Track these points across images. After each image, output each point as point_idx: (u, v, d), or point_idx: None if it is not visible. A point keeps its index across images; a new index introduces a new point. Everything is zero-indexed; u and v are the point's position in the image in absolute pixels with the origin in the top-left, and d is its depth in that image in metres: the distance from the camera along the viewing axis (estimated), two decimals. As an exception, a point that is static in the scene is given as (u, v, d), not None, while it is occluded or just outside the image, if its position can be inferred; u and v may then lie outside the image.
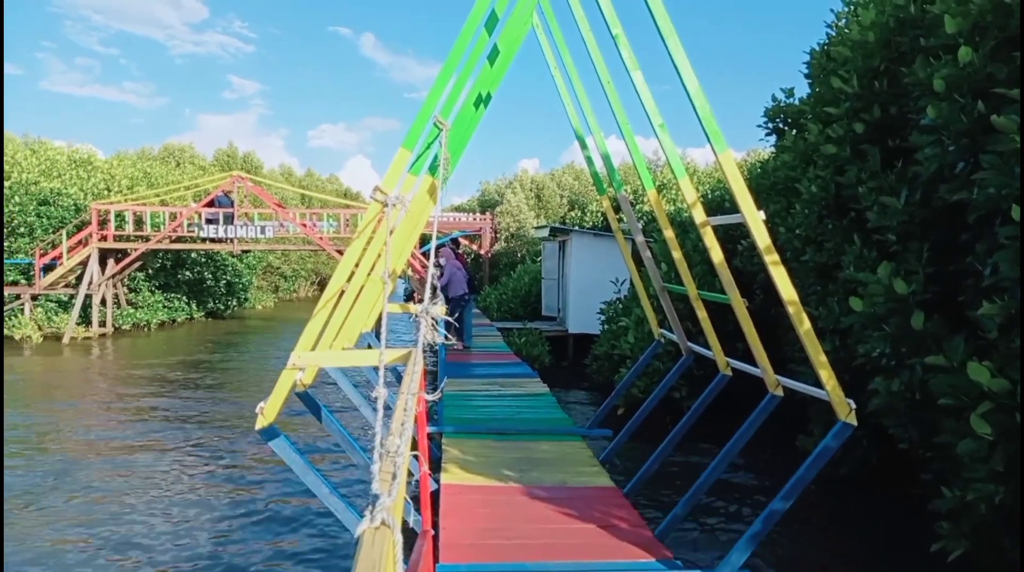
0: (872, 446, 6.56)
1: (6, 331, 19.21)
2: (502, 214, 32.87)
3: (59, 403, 12.23)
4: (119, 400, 12.36)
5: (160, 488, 7.57)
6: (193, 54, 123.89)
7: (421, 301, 3.38)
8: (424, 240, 20.04)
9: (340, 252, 22.19)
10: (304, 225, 22.39)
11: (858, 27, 6.87)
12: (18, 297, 20.63)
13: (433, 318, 2.39)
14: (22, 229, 22.28)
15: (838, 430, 3.91)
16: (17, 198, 22.36)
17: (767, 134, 10.26)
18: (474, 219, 33.08)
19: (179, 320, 25.50)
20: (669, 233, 5.50)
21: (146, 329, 23.47)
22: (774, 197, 8.56)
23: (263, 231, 21.97)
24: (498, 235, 32.77)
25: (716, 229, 4.73)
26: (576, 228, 19.98)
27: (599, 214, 26.58)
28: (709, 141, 3.82)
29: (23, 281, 21.41)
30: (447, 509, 4.66)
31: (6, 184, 22.98)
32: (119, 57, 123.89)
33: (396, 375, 6.21)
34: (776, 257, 3.88)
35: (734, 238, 9.14)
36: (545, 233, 18.41)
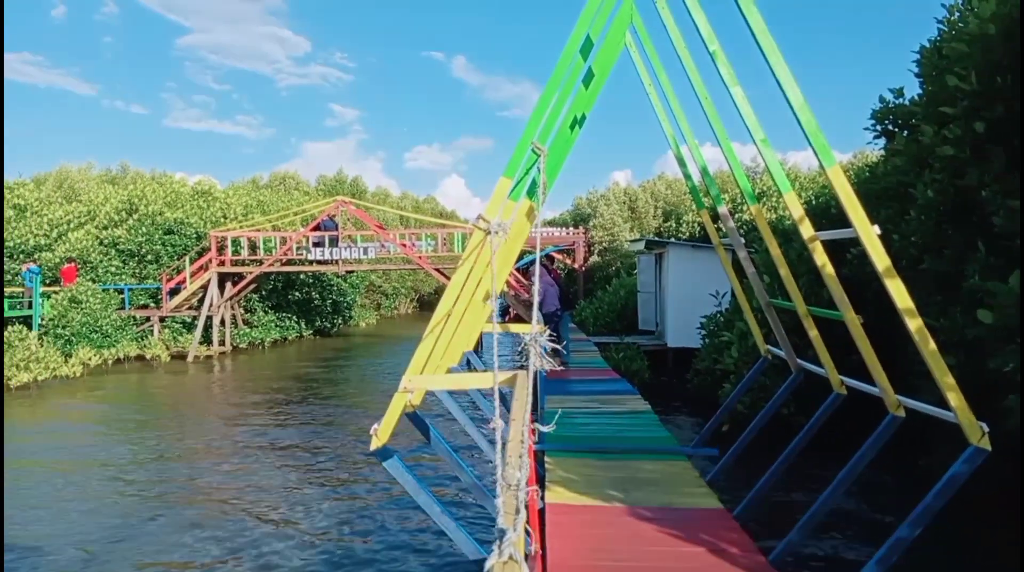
0: (1007, 466, 6.09)
1: (139, 350, 20.86)
2: (595, 227, 32.75)
3: (187, 418, 13.16)
4: (239, 415, 13.16)
5: (276, 501, 8.00)
6: (297, 86, 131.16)
7: (517, 318, 3.47)
8: (519, 255, 20.26)
9: (438, 270, 22.78)
10: (404, 245, 23.13)
11: (975, 20, 6.48)
12: (148, 319, 22.38)
13: (542, 347, 2.45)
14: (150, 257, 24.22)
15: (969, 456, 3.67)
16: (145, 228, 24.33)
17: (875, 137, 9.78)
18: (567, 233, 33.09)
19: (290, 338, 26.88)
20: (776, 250, 5.35)
21: (261, 347, 24.87)
22: (885, 203, 8.15)
23: (366, 252, 22.88)
24: (592, 248, 32.65)
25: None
26: (672, 240, 19.65)
27: (695, 224, 26.03)
28: (817, 156, 3.72)
29: (152, 304, 23.23)
30: (552, 530, 4.69)
31: (135, 216, 25.07)
32: (231, 92, 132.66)
33: (499, 394, 6.31)
34: (893, 272, 3.71)
35: (842, 245, 8.74)
36: (641, 246, 18.20)
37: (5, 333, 18.47)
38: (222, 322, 23.30)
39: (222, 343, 23.16)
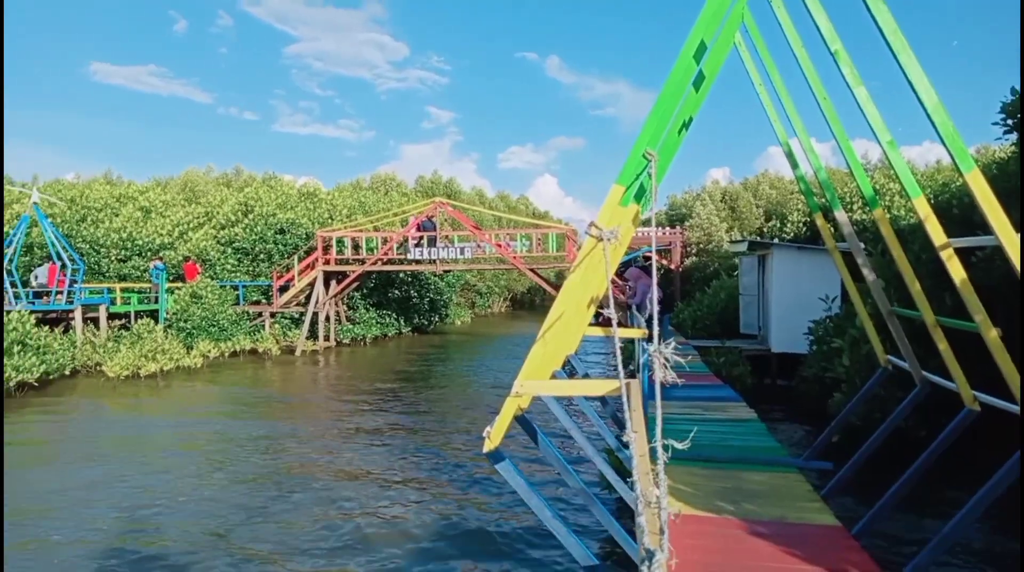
0: None
1: (252, 344, 22.09)
2: (692, 228, 32.01)
3: (296, 409, 13.86)
4: (345, 406, 13.72)
5: (381, 493, 8.30)
6: (396, 90, 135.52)
7: (610, 320, 3.46)
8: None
9: (533, 270, 22.92)
10: (499, 245, 23.41)
11: None
12: (260, 314, 23.68)
13: (666, 358, 2.44)
14: (262, 255, 25.63)
15: None
16: (259, 228, 25.77)
17: (1005, 132, 9.11)
18: (663, 233, 32.52)
19: (390, 334, 27.76)
20: (901, 257, 5.07)
21: (363, 343, 25.83)
22: (1014, 202, 7.55)
23: (463, 252, 23.32)
24: (688, 249, 31.94)
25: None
26: (776, 241, 18.94)
27: (801, 224, 24.99)
28: (953, 160, 3.51)
29: (264, 300, 24.57)
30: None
31: (250, 216, 26.58)
32: (335, 98, 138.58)
33: (637, 405, 6.29)
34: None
35: (966, 248, 8.17)
36: (742, 247, 17.64)
37: (135, 326, 20.04)
38: (327, 318, 24.36)
39: (327, 338, 24.22)
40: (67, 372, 16.80)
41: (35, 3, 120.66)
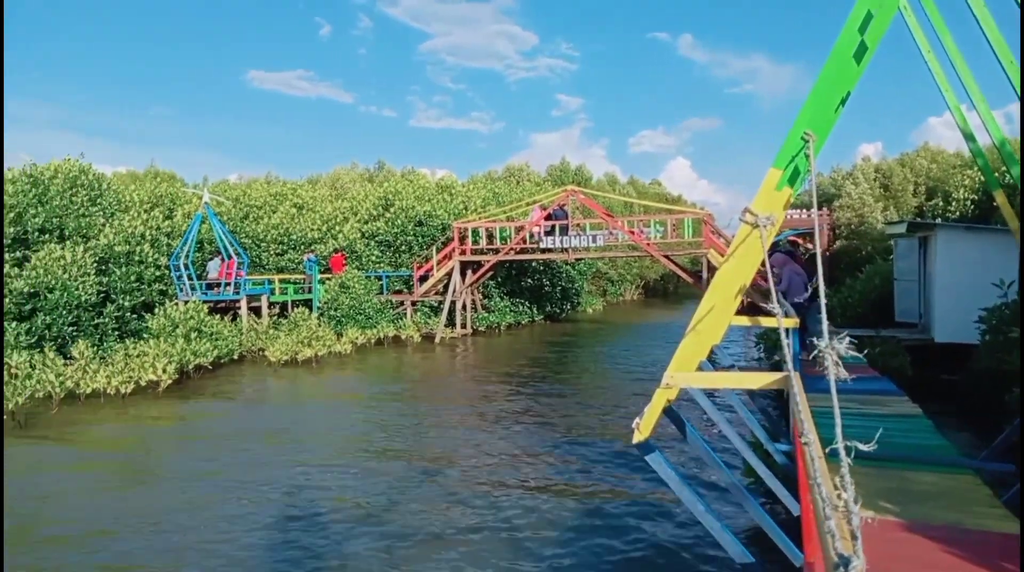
0: None
1: (395, 331, 23.23)
2: (841, 208, 29.97)
3: (438, 393, 14.45)
4: (483, 392, 14.14)
5: (524, 478, 8.48)
6: (525, 79, 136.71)
7: (751, 307, 3.31)
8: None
9: (667, 257, 22.41)
10: (632, 232, 23.07)
11: None
12: (402, 303, 24.85)
13: (839, 355, 2.32)
14: (403, 247, 26.85)
15: None
16: (400, 221, 27.00)
17: None
18: (807, 215, 30.66)
19: (523, 322, 28.23)
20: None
21: (497, 330, 26.45)
22: None
23: (594, 240, 23.20)
24: (836, 232, 29.94)
25: None
26: (940, 221, 17.35)
27: (967, 202, 22.70)
28: None
29: (405, 290, 25.74)
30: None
31: (391, 210, 27.89)
32: (466, 91, 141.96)
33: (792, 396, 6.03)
34: None
35: None
36: (900, 229, 16.30)
37: (292, 314, 21.66)
38: (464, 307, 25.16)
39: (464, 326, 25.03)
40: (235, 356, 18.46)
41: (201, 18, 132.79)
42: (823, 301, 2.74)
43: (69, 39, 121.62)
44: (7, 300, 15.42)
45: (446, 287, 24.69)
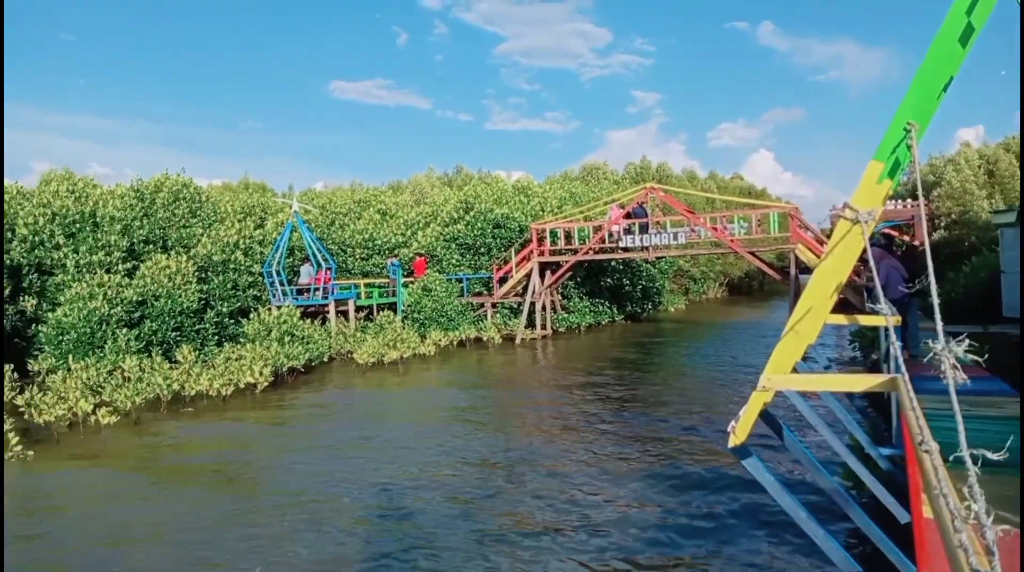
0: None
1: (476, 333, 23.51)
2: (940, 198, 28.27)
3: (520, 394, 14.54)
4: (564, 393, 14.13)
5: (607, 484, 8.43)
6: (600, 77, 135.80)
7: (844, 303, 3.16)
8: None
9: (753, 254, 21.76)
10: (715, 229, 22.52)
11: None
12: (482, 305, 25.13)
13: (956, 358, 2.21)
14: (483, 249, 27.14)
15: None
16: (479, 224, 27.33)
17: None
18: (903, 206, 29.07)
19: (603, 322, 28.03)
20: None
21: (578, 331, 26.36)
22: None
23: (675, 237, 22.77)
24: (936, 222, 28.26)
25: None
26: (1054, 208, 16.07)
27: (1086, 186, 20.98)
28: None
29: (485, 292, 26.02)
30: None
31: (470, 213, 28.25)
32: (541, 91, 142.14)
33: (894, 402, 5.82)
34: None
35: None
36: (1008, 218, 15.27)
37: (378, 318, 22.28)
38: (543, 308, 25.21)
39: (544, 327, 25.08)
40: (325, 359, 19.14)
41: (286, 35, 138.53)
42: (935, 298, 2.61)
43: (171, 66, 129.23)
44: (118, 308, 16.53)
45: (525, 288, 24.81)
